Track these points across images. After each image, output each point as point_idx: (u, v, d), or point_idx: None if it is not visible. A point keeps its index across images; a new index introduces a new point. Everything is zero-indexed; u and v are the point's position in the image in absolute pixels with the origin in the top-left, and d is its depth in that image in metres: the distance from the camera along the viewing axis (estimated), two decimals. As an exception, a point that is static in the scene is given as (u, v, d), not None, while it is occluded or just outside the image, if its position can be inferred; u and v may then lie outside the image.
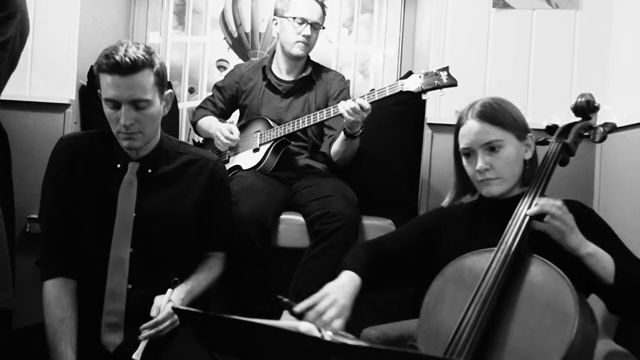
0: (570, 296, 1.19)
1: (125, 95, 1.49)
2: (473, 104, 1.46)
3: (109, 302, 1.56)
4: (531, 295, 1.24)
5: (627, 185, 2.08)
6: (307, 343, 0.78)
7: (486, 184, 1.42)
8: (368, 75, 3.17)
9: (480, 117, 1.41)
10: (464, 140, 1.44)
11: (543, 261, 1.27)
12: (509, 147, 1.41)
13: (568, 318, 1.16)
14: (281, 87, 2.40)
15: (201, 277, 1.69)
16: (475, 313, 1.22)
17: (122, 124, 1.51)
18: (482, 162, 1.40)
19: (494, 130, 1.40)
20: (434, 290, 1.38)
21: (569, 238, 1.27)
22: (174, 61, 3.17)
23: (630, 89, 2.15)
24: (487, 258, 1.30)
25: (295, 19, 2.31)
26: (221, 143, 2.33)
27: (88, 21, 2.47)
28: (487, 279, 1.26)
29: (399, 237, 1.63)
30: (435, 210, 1.65)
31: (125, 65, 1.46)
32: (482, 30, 2.37)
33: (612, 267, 1.28)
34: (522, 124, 1.45)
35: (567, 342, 1.13)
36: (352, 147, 2.17)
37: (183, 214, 1.65)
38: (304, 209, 2.11)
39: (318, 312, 1.33)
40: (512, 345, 1.20)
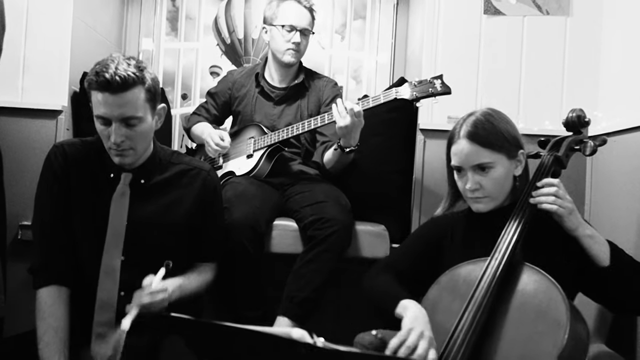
0: (562, 303, 1.20)
1: (116, 114, 1.49)
2: (466, 119, 1.48)
3: (99, 313, 1.55)
4: (524, 303, 1.25)
5: (618, 190, 2.09)
6: (300, 349, 0.78)
7: (475, 202, 1.46)
8: (361, 82, 3.18)
9: (470, 138, 1.43)
10: (455, 158, 1.47)
11: (535, 269, 1.29)
12: (499, 168, 1.43)
13: (560, 324, 1.18)
14: (274, 94, 2.41)
15: (192, 276, 1.69)
16: (469, 320, 1.24)
17: (112, 142, 1.51)
18: (471, 183, 1.43)
19: (484, 152, 1.42)
20: (429, 299, 1.40)
21: (568, 218, 1.34)
22: (166, 67, 3.17)
23: (620, 94, 2.16)
24: (481, 267, 1.32)
25: (284, 27, 2.31)
26: (211, 150, 2.33)
27: (80, 27, 2.46)
28: (481, 287, 1.28)
29: (407, 254, 1.62)
30: (430, 220, 1.66)
31: (116, 84, 1.45)
32: (473, 36, 2.38)
33: (608, 249, 1.34)
34: (513, 141, 1.46)
35: (559, 348, 1.15)
36: (344, 160, 2.16)
37: (175, 223, 1.65)
38: (298, 214, 2.11)
39: (409, 347, 1.27)
40: (505, 352, 1.21)
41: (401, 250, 1.68)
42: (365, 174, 2.32)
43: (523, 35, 2.38)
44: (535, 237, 1.38)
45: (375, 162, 2.34)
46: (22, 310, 1.68)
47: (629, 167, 2.03)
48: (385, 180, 2.36)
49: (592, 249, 1.34)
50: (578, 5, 2.36)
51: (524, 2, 2.37)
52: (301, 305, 1.92)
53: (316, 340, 0.80)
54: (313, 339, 0.84)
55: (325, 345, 0.78)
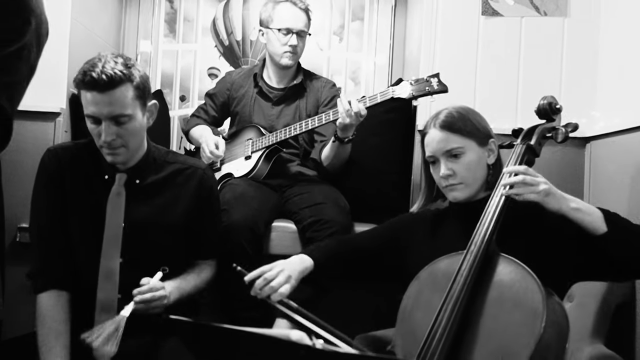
0: (538, 292, 1.20)
1: (105, 112, 1.49)
2: (437, 113, 1.52)
3: (99, 314, 1.55)
4: (500, 294, 1.26)
5: (616, 190, 2.10)
6: (299, 351, 0.78)
7: (451, 189, 1.48)
8: (359, 83, 3.18)
9: (441, 126, 1.48)
10: (428, 148, 1.50)
11: (511, 260, 1.29)
12: (470, 154, 1.46)
13: (536, 313, 1.18)
14: (272, 95, 2.41)
15: (190, 277, 1.69)
16: (447, 314, 1.24)
17: (103, 140, 1.51)
18: (444, 169, 1.46)
19: (454, 137, 1.46)
20: (409, 295, 1.40)
21: (546, 200, 1.31)
22: (165, 69, 3.17)
23: (618, 95, 2.17)
24: (458, 260, 1.32)
25: (281, 30, 2.31)
26: (205, 156, 2.33)
27: (79, 29, 2.46)
28: (458, 281, 1.28)
29: (371, 236, 1.68)
30: (406, 214, 1.69)
31: (102, 82, 1.45)
32: (471, 37, 2.38)
33: (601, 217, 1.32)
34: (483, 130, 1.50)
35: (536, 336, 1.15)
36: (343, 152, 2.17)
37: (172, 223, 1.65)
38: (296, 216, 2.11)
39: (265, 279, 1.44)
40: (484, 343, 1.22)
41: (371, 230, 1.72)
42: (363, 175, 2.32)
43: (521, 36, 2.38)
44: (512, 227, 1.38)
45: (373, 162, 2.34)
46: (21, 313, 1.68)
47: (627, 167, 2.03)
48: (383, 181, 2.36)
49: (584, 221, 1.32)
50: (576, 6, 2.36)
51: (522, 3, 2.38)
52: (300, 308, 1.91)
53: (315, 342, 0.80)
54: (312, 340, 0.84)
55: (324, 347, 0.78)
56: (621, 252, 1.32)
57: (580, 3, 2.36)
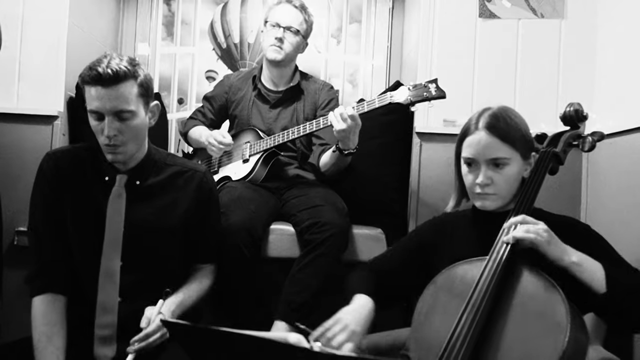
0: (562, 305, 1.19)
1: (108, 107, 1.49)
2: (483, 112, 1.42)
3: (100, 316, 1.54)
4: (523, 304, 1.24)
5: (614, 192, 2.10)
6: (297, 354, 0.78)
7: (482, 198, 1.41)
8: (357, 85, 3.18)
9: (491, 130, 1.38)
10: (469, 150, 1.41)
11: (534, 270, 1.27)
12: (514, 166, 1.39)
13: (560, 327, 1.16)
14: (270, 97, 2.41)
15: (192, 288, 1.69)
16: (468, 322, 1.22)
17: (105, 135, 1.51)
18: (483, 177, 1.38)
19: (502, 147, 1.38)
20: (425, 299, 1.38)
21: (549, 248, 1.26)
22: (163, 72, 3.17)
23: (615, 97, 2.17)
24: (478, 267, 1.30)
25: (272, 25, 2.33)
26: (215, 149, 2.31)
27: (76, 33, 2.46)
28: (480, 288, 1.26)
29: (396, 255, 1.61)
30: (428, 222, 1.64)
31: (107, 77, 1.46)
32: (469, 40, 2.39)
33: (602, 275, 1.26)
34: (529, 142, 1.43)
35: (559, 350, 1.14)
36: (342, 162, 2.15)
37: (172, 226, 1.65)
38: (294, 218, 2.11)
39: (328, 338, 1.34)
40: (505, 355, 1.20)
41: (392, 250, 1.67)
42: (361, 177, 2.32)
43: (518, 38, 2.39)
44: None
45: (371, 165, 2.34)
46: (18, 317, 1.68)
47: (624, 168, 2.04)
48: (381, 183, 2.36)
49: (583, 277, 1.25)
50: (573, 8, 2.37)
51: (519, 6, 2.38)
52: (298, 309, 1.91)
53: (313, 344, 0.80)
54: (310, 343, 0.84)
55: (322, 350, 0.78)
56: (616, 316, 1.28)
57: (576, 5, 2.37)
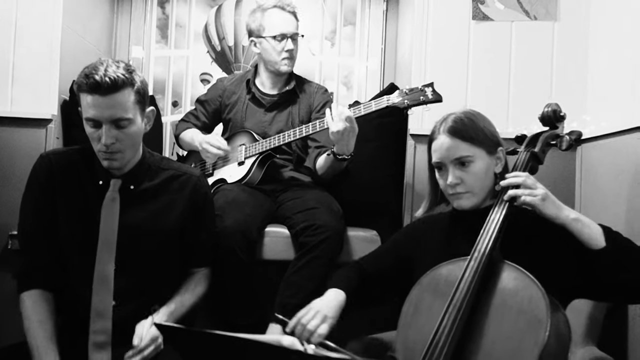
0: (542, 300, 1.21)
1: (106, 115, 1.49)
2: (445, 117, 1.49)
3: (95, 321, 1.54)
4: (504, 301, 1.26)
5: (607, 193, 2.11)
6: (290, 356, 0.78)
7: (457, 198, 1.46)
8: (351, 87, 3.19)
9: (451, 132, 1.45)
10: (435, 154, 1.48)
11: (515, 267, 1.29)
12: (479, 162, 1.44)
13: (541, 322, 1.18)
14: (265, 101, 2.41)
15: (185, 297, 1.68)
16: (450, 321, 1.24)
17: (103, 143, 1.51)
18: (452, 177, 1.44)
19: (464, 145, 1.43)
20: (411, 300, 1.40)
21: (544, 205, 1.31)
22: (157, 75, 3.17)
23: (608, 98, 2.18)
24: (461, 267, 1.32)
25: (275, 38, 2.30)
26: (211, 155, 2.31)
27: (70, 36, 2.46)
28: (462, 287, 1.28)
29: (378, 258, 1.66)
30: (409, 225, 1.68)
31: (106, 85, 1.46)
32: (462, 42, 2.40)
33: (599, 230, 1.31)
34: (493, 138, 1.47)
35: (540, 345, 1.15)
36: (337, 166, 2.14)
37: (166, 230, 1.64)
38: (289, 221, 2.11)
39: (302, 324, 1.43)
40: (487, 351, 1.21)
41: (375, 252, 1.72)
42: (356, 180, 2.32)
43: (511, 40, 2.40)
44: (516, 238, 1.38)
45: (366, 167, 2.34)
46: (13, 321, 1.67)
47: (617, 169, 2.04)
48: (376, 185, 2.37)
49: (583, 233, 1.30)
50: (565, 10, 2.38)
51: (512, 8, 2.39)
52: (294, 312, 1.90)
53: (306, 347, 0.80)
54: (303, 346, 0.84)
55: (316, 352, 0.78)
56: (617, 271, 1.29)
57: (569, 7, 2.38)
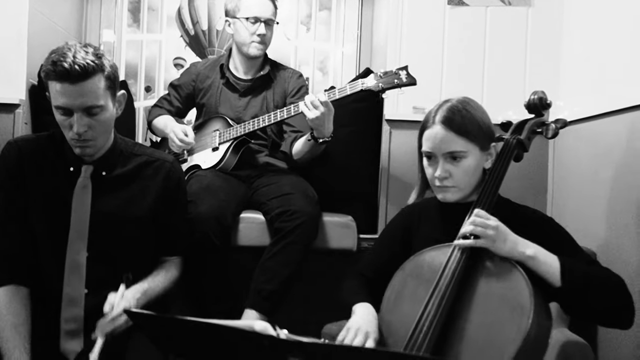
0: (526, 288, 1.21)
1: (77, 103, 1.45)
2: (441, 105, 1.43)
3: (66, 309, 1.52)
4: (488, 289, 1.26)
5: (579, 178, 2.14)
6: (263, 342, 0.77)
7: (443, 191, 1.42)
8: (327, 73, 3.17)
9: (446, 123, 1.39)
10: (427, 143, 1.42)
11: (499, 255, 1.28)
12: (471, 159, 1.40)
13: (524, 309, 1.18)
14: (239, 86, 2.38)
15: (158, 278, 1.66)
16: (434, 307, 1.24)
17: (75, 132, 1.47)
18: (441, 170, 1.40)
19: (458, 140, 1.38)
20: (394, 286, 1.39)
21: (496, 247, 1.27)
22: (129, 60, 3.11)
23: (581, 84, 2.21)
24: (445, 253, 1.32)
25: (248, 19, 2.28)
26: (175, 145, 2.29)
27: (38, 19, 2.40)
28: (446, 274, 1.28)
29: (374, 260, 1.61)
30: (398, 216, 1.64)
31: (75, 73, 1.41)
32: (437, 27, 2.40)
33: (557, 267, 1.26)
34: (488, 132, 1.43)
35: (523, 332, 1.16)
36: (316, 150, 2.15)
37: (139, 217, 1.62)
38: (264, 207, 2.10)
39: None
40: (471, 338, 1.22)
41: (374, 251, 1.66)
42: (332, 165, 2.32)
43: (486, 26, 2.41)
44: None
45: (341, 153, 2.33)
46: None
47: (589, 154, 2.07)
48: (351, 171, 2.37)
49: (539, 271, 1.26)
50: (540, -4, 2.40)
51: (487, -7, 2.40)
52: (269, 297, 1.91)
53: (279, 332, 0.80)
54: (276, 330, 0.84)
55: (289, 337, 0.78)
56: (576, 307, 1.31)
57: (544, -7, 2.39)
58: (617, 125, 1.88)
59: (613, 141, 1.89)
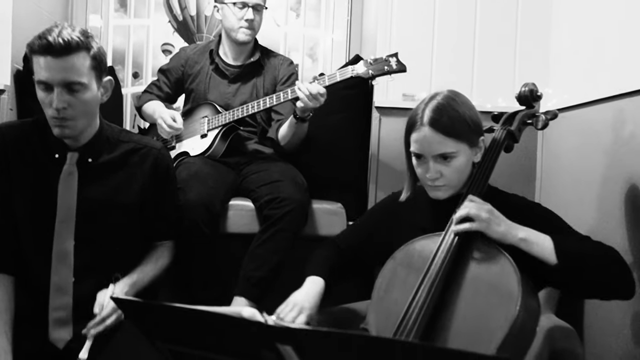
0: (514, 275, 1.22)
1: (58, 78, 1.43)
2: (427, 103, 1.39)
3: (55, 297, 1.51)
4: (477, 276, 1.27)
5: (568, 165, 2.15)
6: (251, 328, 0.77)
7: (434, 189, 1.41)
8: (316, 59, 3.16)
9: (434, 126, 1.35)
10: (416, 145, 1.40)
11: (488, 243, 1.30)
12: (461, 158, 1.38)
13: (512, 297, 1.20)
14: (229, 72, 2.36)
15: (147, 268, 1.65)
16: (424, 295, 1.25)
17: (54, 107, 1.45)
18: (432, 172, 1.38)
19: (447, 141, 1.36)
20: (385, 274, 1.40)
21: (490, 230, 1.28)
22: (116, 45, 3.07)
23: (570, 71, 2.21)
24: (435, 242, 1.33)
25: (236, 4, 2.25)
26: (164, 131, 2.27)
27: (23, 2, 2.36)
28: (436, 262, 1.29)
29: (353, 232, 1.66)
30: (385, 199, 1.65)
31: (59, 46, 1.40)
32: (428, 14, 2.39)
33: (551, 247, 1.27)
34: (476, 128, 1.41)
35: (510, 319, 1.17)
36: (301, 130, 2.15)
37: (127, 204, 1.61)
38: (253, 194, 2.10)
39: (280, 318, 1.43)
40: (459, 325, 1.23)
41: (351, 227, 1.72)
42: (321, 152, 2.32)
43: (476, 13, 2.40)
44: None
45: (331, 139, 2.33)
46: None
47: (578, 142, 2.08)
48: (341, 158, 2.36)
49: (532, 252, 1.28)
50: (530, -18, 2.39)
51: (478, -20, 2.39)
52: (258, 284, 1.91)
53: (267, 318, 0.80)
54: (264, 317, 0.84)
55: (277, 324, 0.77)
56: (571, 284, 1.31)
57: (534, -20, 2.39)
58: (605, 113, 1.89)
59: (601, 129, 1.90)
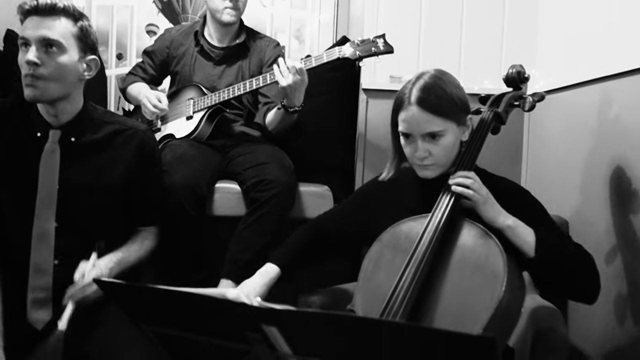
0: (500, 256, 1.23)
1: (37, 34, 1.43)
2: (415, 82, 1.39)
3: (34, 277, 1.49)
4: (463, 257, 1.28)
5: (554, 148, 2.16)
6: (235, 310, 0.77)
7: (423, 168, 1.41)
8: (303, 41, 3.13)
9: (422, 105, 1.35)
10: (404, 124, 1.39)
11: (474, 224, 1.31)
12: (449, 136, 1.38)
13: (497, 278, 1.20)
14: (214, 54, 2.33)
15: (133, 248, 1.64)
16: (410, 276, 1.25)
17: (25, 60, 1.43)
18: (421, 150, 1.38)
19: (435, 120, 1.36)
20: (371, 256, 1.40)
21: (484, 208, 1.31)
22: (99, 26, 3.02)
23: (557, 53, 2.21)
24: (422, 223, 1.33)
25: None
26: (148, 112, 2.25)
27: (2, -18, 2.30)
28: (422, 243, 1.29)
29: (338, 213, 1.66)
30: (371, 181, 1.65)
31: (44, 6, 1.42)
32: (415, -5, 2.37)
33: (533, 240, 1.30)
34: (463, 107, 1.41)
35: (496, 300, 1.18)
36: (288, 119, 2.12)
37: (110, 186, 1.58)
38: (240, 177, 2.08)
39: None
40: (445, 306, 1.24)
41: (335, 207, 1.73)
42: (308, 135, 2.31)
43: (464, -7, 2.39)
44: None
45: (318, 122, 2.32)
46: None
47: (564, 124, 2.09)
48: (328, 140, 2.36)
49: (515, 240, 1.30)
50: (518, -37, 2.38)
51: (465, -40, 2.37)
52: (244, 267, 1.90)
53: (252, 300, 0.79)
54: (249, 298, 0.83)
55: (262, 305, 0.77)
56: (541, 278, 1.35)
57: (521, -39, 2.38)
58: (591, 95, 1.89)
59: (587, 111, 1.91)
